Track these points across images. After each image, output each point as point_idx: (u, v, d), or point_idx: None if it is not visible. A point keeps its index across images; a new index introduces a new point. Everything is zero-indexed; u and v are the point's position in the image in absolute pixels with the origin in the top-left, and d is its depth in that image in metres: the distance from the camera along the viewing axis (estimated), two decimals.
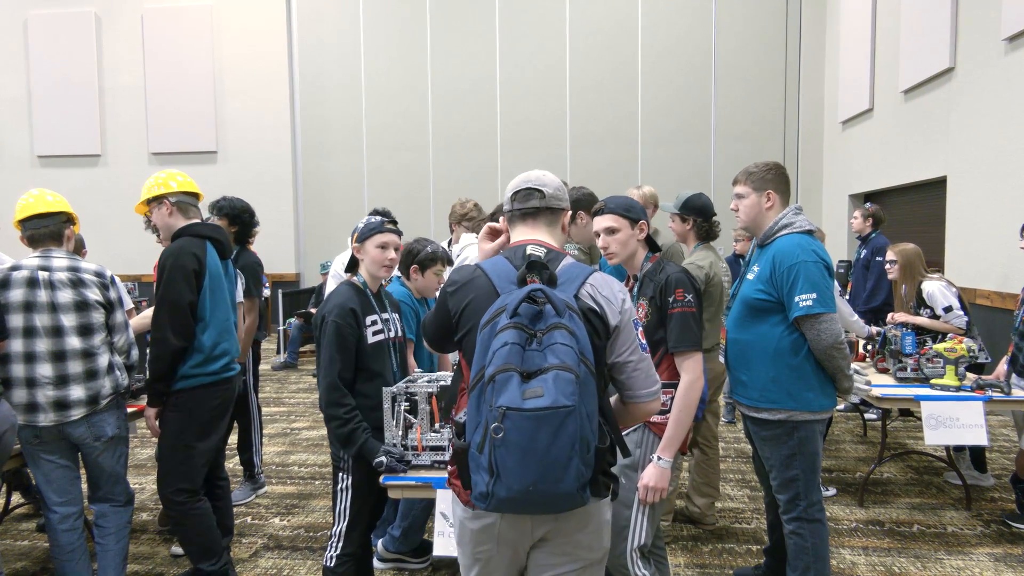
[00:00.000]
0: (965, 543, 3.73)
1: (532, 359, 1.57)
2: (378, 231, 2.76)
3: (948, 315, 4.52)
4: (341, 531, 2.71)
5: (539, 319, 1.61)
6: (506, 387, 1.54)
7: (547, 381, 1.53)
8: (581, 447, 1.55)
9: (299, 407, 6.94)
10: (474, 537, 1.79)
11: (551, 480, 1.54)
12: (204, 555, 3.10)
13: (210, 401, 3.09)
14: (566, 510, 1.65)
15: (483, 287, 1.79)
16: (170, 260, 2.97)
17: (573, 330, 1.60)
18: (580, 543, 1.77)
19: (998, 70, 6.21)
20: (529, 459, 1.53)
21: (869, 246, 6.20)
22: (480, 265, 1.86)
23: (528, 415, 1.51)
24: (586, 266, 1.85)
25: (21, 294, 2.82)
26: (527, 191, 1.93)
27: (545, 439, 1.52)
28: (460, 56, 11.69)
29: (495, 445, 1.54)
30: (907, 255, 4.75)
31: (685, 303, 2.45)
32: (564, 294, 1.70)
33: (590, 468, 1.59)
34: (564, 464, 1.53)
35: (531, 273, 1.73)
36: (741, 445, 5.41)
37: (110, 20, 12.13)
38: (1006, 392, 3.78)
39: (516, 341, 1.58)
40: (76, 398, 2.86)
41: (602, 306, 1.76)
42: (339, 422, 2.60)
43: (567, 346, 1.57)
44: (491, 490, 1.57)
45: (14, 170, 12.41)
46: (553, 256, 1.83)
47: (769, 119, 11.18)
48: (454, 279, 1.88)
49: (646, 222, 2.61)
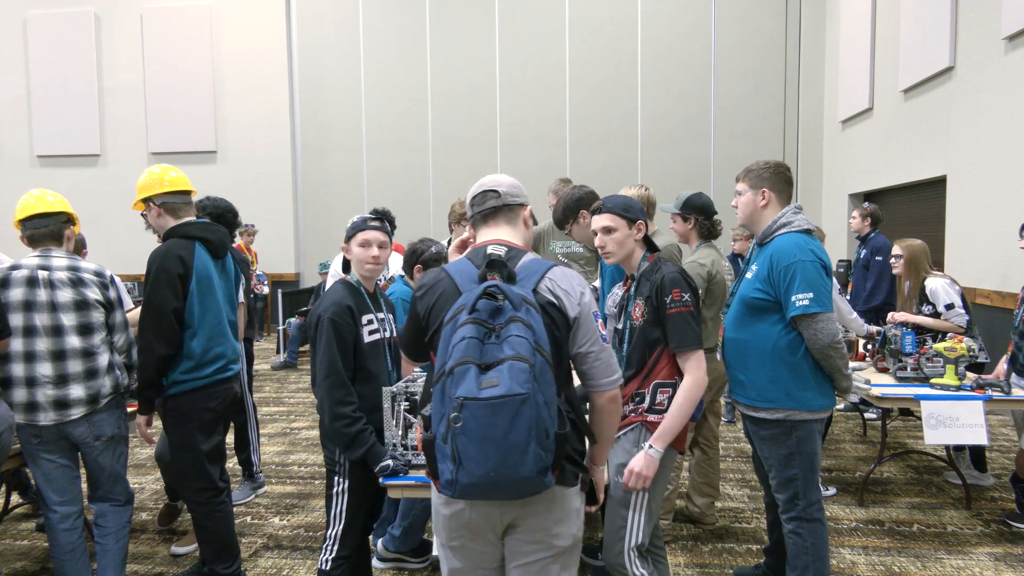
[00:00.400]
0: (965, 543, 3.72)
1: (490, 352, 1.66)
2: (360, 229, 2.73)
3: (949, 312, 4.51)
4: (336, 534, 2.68)
5: (498, 314, 1.70)
6: (464, 378, 1.63)
7: (503, 371, 1.61)
8: (538, 433, 1.63)
9: (299, 407, 6.94)
10: (447, 523, 1.89)
11: (510, 465, 1.61)
12: (221, 556, 3.11)
13: (207, 403, 3.05)
14: (528, 494, 1.73)
15: (447, 288, 1.89)
16: (155, 264, 2.91)
17: (529, 323, 1.69)
18: (549, 531, 1.85)
19: (998, 69, 6.21)
20: (488, 446, 1.61)
21: (868, 245, 6.20)
22: (444, 268, 1.95)
23: (484, 404, 1.60)
24: (546, 261, 1.92)
25: (21, 293, 2.81)
26: (483, 194, 2.03)
27: (502, 426, 1.60)
28: (460, 56, 11.68)
29: (455, 434, 1.62)
30: (913, 250, 4.74)
31: (682, 303, 2.44)
32: (522, 289, 1.79)
33: (550, 453, 1.67)
34: (522, 449, 1.61)
35: (491, 271, 1.81)
36: (741, 445, 5.41)
37: (109, 20, 12.12)
38: (1006, 391, 3.78)
39: (474, 335, 1.67)
40: (76, 397, 2.86)
41: (560, 299, 1.84)
42: (347, 421, 2.55)
43: (522, 338, 1.65)
44: (455, 477, 1.65)
45: (14, 170, 12.41)
46: (514, 254, 1.92)
47: (769, 118, 11.18)
48: (422, 283, 1.97)
49: (644, 222, 2.60)
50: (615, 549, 2.51)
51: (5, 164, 12.45)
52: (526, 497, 1.76)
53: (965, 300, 4.58)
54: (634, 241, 2.59)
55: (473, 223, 2.06)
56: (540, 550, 1.86)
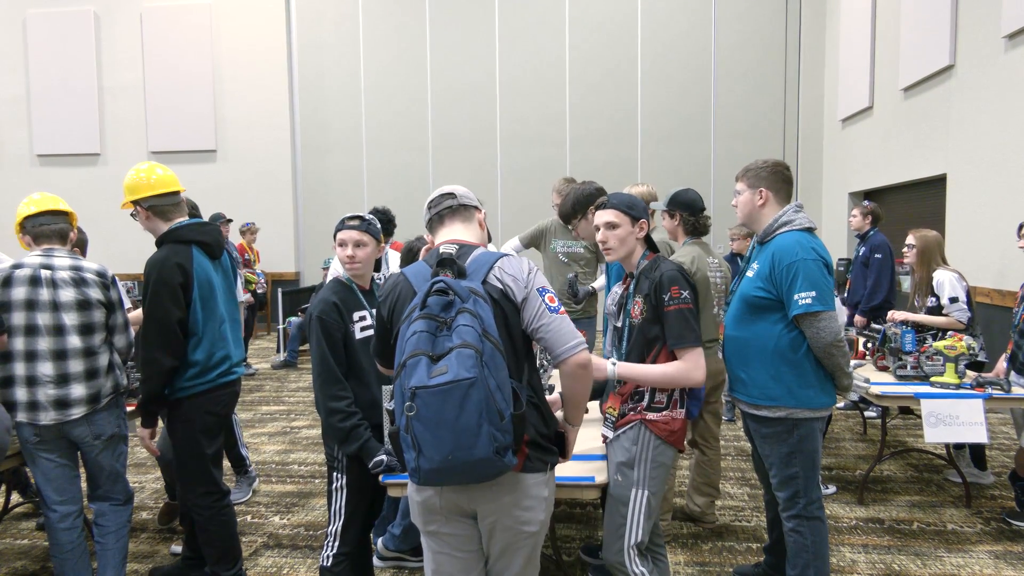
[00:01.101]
0: (965, 541, 3.73)
1: (441, 343, 1.75)
2: (338, 229, 2.75)
3: (951, 306, 4.49)
4: (337, 530, 2.69)
5: (449, 308, 1.80)
6: (416, 369, 1.72)
7: (451, 359, 1.70)
8: (490, 415, 1.70)
9: (299, 405, 6.94)
10: (420, 509, 1.98)
11: (465, 447, 1.69)
12: (223, 560, 3.10)
13: (210, 406, 3.03)
14: (491, 476, 1.80)
15: (405, 289, 1.99)
16: (153, 274, 2.86)
17: (476, 312, 1.78)
18: (516, 518, 1.93)
19: (998, 68, 6.20)
20: (442, 431, 1.69)
21: (868, 243, 6.19)
22: (403, 271, 2.05)
23: (434, 390, 1.68)
24: (495, 252, 2.01)
25: (23, 292, 2.81)
26: (439, 196, 2.15)
27: (452, 410, 1.68)
28: (460, 55, 11.68)
29: (412, 422, 1.71)
30: (927, 241, 4.69)
31: (681, 300, 2.43)
32: (471, 282, 1.89)
33: (507, 434, 1.74)
34: (475, 431, 1.69)
35: (442, 269, 1.90)
36: (741, 443, 5.41)
37: (109, 19, 12.11)
38: (1006, 390, 3.78)
39: (425, 329, 1.76)
40: (77, 396, 2.85)
41: (508, 285, 1.93)
42: (341, 416, 2.57)
43: (468, 326, 1.75)
44: (417, 465, 1.74)
45: (13, 169, 12.41)
46: (464, 251, 2.00)
47: (769, 117, 11.17)
48: (383, 288, 2.07)
49: (646, 221, 2.61)
50: (615, 547, 2.51)
51: (5, 163, 12.45)
52: (490, 479, 1.82)
53: (970, 297, 4.57)
54: (636, 239, 2.59)
55: (431, 226, 2.16)
56: (509, 537, 1.95)
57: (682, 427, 2.56)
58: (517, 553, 1.98)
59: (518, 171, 11.56)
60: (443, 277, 1.85)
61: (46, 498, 2.92)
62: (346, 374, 2.65)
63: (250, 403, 7.07)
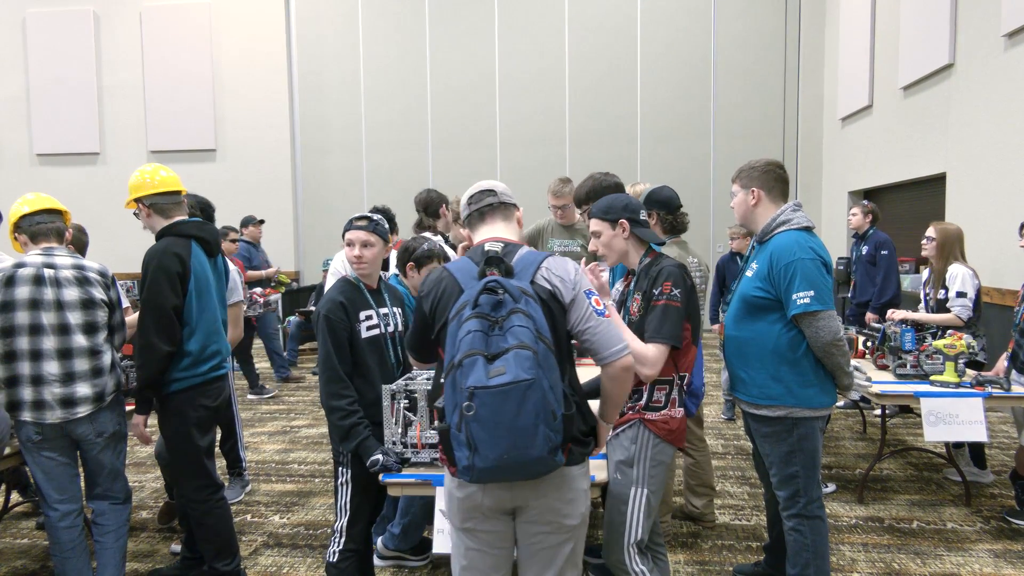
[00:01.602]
0: (965, 539, 3.73)
1: (495, 343, 1.75)
2: (346, 229, 2.78)
3: (956, 300, 4.47)
4: (343, 527, 2.71)
5: (499, 307, 1.79)
6: (473, 369, 1.72)
7: (508, 360, 1.71)
8: (546, 415, 1.72)
9: (299, 405, 6.94)
10: (461, 506, 1.98)
11: (521, 447, 1.71)
12: (221, 554, 3.12)
13: (202, 400, 3.07)
14: (541, 474, 1.83)
15: (450, 285, 1.98)
16: (153, 262, 2.91)
17: (529, 313, 1.79)
18: (559, 511, 1.95)
19: (997, 66, 6.20)
20: (499, 430, 1.70)
21: (870, 241, 6.14)
22: (446, 267, 2.05)
23: (494, 391, 1.69)
24: (540, 252, 2.02)
25: (27, 292, 2.80)
26: (480, 193, 2.15)
27: (511, 411, 1.69)
28: (459, 54, 11.67)
29: (468, 422, 1.72)
30: (947, 234, 4.65)
31: (670, 296, 2.43)
32: (520, 282, 1.88)
33: (559, 434, 1.76)
34: (531, 432, 1.71)
35: (490, 267, 1.90)
36: (741, 442, 5.41)
37: (108, 18, 12.10)
38: (1006, 388, 3.78)
39: (479, 329, 1.76)
40: (83, 395, 2.86)
41: (556, 286, 1.94)
42: (341, 414, 2.60)
43: (524, 327, 1.75)
44: (472, 463, 1.75)
45: (13, 169, 12.40)
46: (510, 249, 2.01)
47: (768, 116, 11.17)
48: (425, 283, 2.07)
49: (626, 220, 2.57)
50: (615, 546, 2.51)
51: (4, 163, 12.44)
52: (538, 477, 1.85)
53: (979, 297, 4.55)
54: (623, 240, 2.59)
55: (470, 221, 2.16)
56: (552, 531, 1.96)
57: (680, 425, 2.56)
58: (558, 550, 1.98)
59: (518, 170, 11.55)
60: (495, 276, 1.85)
61: (46, 497, 2.92)
62: (351, 373, 2.68)
63: (250, 402, 7.08)
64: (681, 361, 2.52)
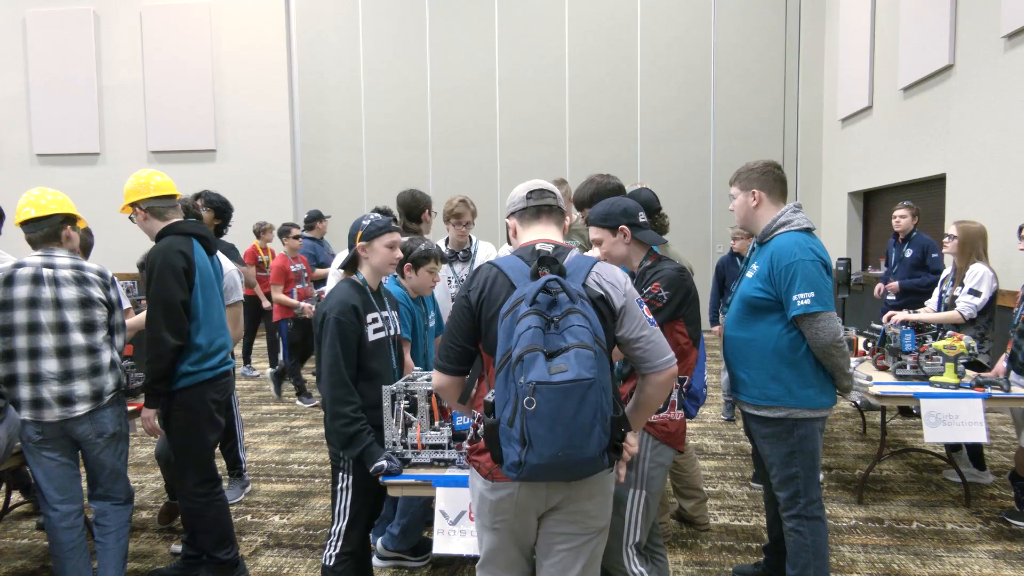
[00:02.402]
0: (964, 540, 3.73)
1: (552, 341, 1.75)
2: (387, 231, 2.77)
3: (965, 296, 4.45)
4: (341, 530, 2.71)
5: (554, 306, 1.79)
6: (534, 365, 1.71)
7: (569, 358, 1.71)
8: (601, 416, 1.74)
9: (298, 405, 6.94)
10: (493, 508, 1.98)
11: (576, 446, 1.72)
12: (220, 544, 3.18)
13: (211, 395, 3.14)
14: (588, 474, 1.84)
15: (500, 282, 1.97)
16: (158, 259, 2.97)
17: (586, 314, 1.79)
18: (588, 512, 1.96)
19: (997, 67, 6.20)
20: (558, 427, 1.70)
21: (915, 244, 5.87)
22: (494, 263, 2.02)
23: (556, 387, 1.69)
24: (591, 257, 2.02)
25: (26, 291, 2.82)
26: (542, 191, 2.14)
27: (571, 409, 1.70)
28: (459, 54, 11.67)
29: (527, 417, 1.71)
30: (969, 233, 4.62)
31: (655, 296, 2.46)
32: (573, 283, 1.88)
33: (608, 436, 1.77)
34: (588, 431, 1.72)
35: (542, 267, 1.89)
36: (741, 443, 5.41)
37: (108, 18, 12.10)
38: (1005, 389, 3.78)
39: (538, 325, 1.75)
40: (81, 394, 2.87)
41: (608, 292, 1.95)
42: (345, 420, 2.58)
43: (583, 327, 1.76)
44: (523, 459, 1.74)
45: (13, 168, 12.39)
46: (561, 251, 2.02)
47: (768, 117, 11.17)
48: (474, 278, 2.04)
49: (626, 226, 2.58)
50: (613, 548, 2.51)
51: (4, 163, 12.43)
52: (585, 477, 1.87)
53: (993, 300, 4.53)
54: (623, 246, 2.60)
55: (522, 216, 2.13)
56: (579, 532, 1.98)
57: (680, 428, 2.56)
58: (581, 550, 1.99)
59: (517, 170, 11.55)
60: (554, 276, 1.84)
61: (47, 497, 2.93)
62: (356, 376, 2.66)
63: (250, 402, 7.08)
64: (681, 364, 2.52)
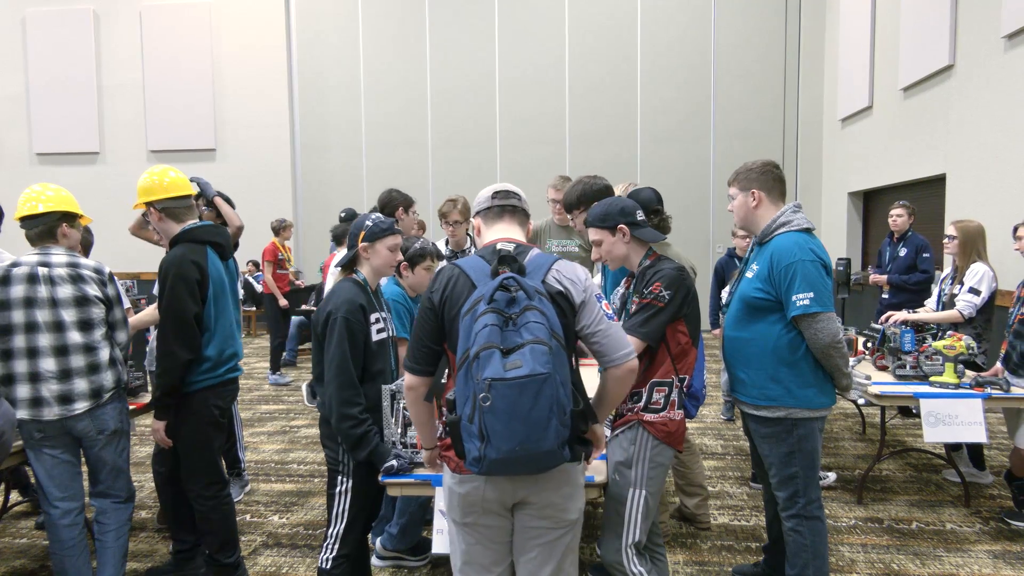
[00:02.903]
0: (964, 540, 3.73)
1: (510, 337, 1.78)
2: (391, 232, 2.76)
3: (964, 295, 4.44)
4: (338, 533, 2.69)
5: (513, 304, 1.83)
6: (490, 362, 1.75)
7: (525, 354, 1.75)
8: (558, 409, 1.76)
9: (298, 404, 6.94)
10: (461, 501, 2.02)
11: (534, 440, 1.75)
12: (224, 547, 3.19)
13: (218, 400, 3.14)
14: (549, 467, 1.86)
15: (462, 282, 2.00)
16: (171, 271, 2.95)
17: (543, 310, 1.83)
18: (556, 505, 1.99)
19: (997, 67, 6.20)
20: (514, 422, 1.73)
21: (910, 244, 5.85)
22: (457, 263, 2.07)
23: (511, 383, 1.72)
24: (551, 255, 2.06)
25: (22, 290, 2.82)
26: (506, 192, 2.19)
27: (527, 403, 1.73)
28: (459, 54, 11.67)
29: (484, 413, 1.74)
30: (968, 232, 4.61)
31: (656, 296, 2.46)
32: (533, 281, 1.92)
33: (567, 429, 1.80)
34: (544, 425, 1.75)
35: (502, 266, 1.94)
36: (740, 443, 5.41)
37: (108, 17, 12.11)
38: (1005, 389, 3.78)
39: (495, 323, 1.79)
40: (80, 391, 2.87)
41: (567, 287, 1.98)
42: (353, 422, 2.55)
43: (539, 323, 1.79)
44: (483, 454, 1.77)
45: (13, 168, 12.40)
46: (522, 250, 2.06)
47: (768, 117, 11.17)
48: (436, 279, 2.09)
49: (625, 225, 2.58)
50: (612, 547, 2.51)
51: (4, 162, 12.43)
52: (546, 471, 1.89)
53: (992, 299, 4.52)
54: (623, 245, 2.61)
55: (487, 215, 2.18)
56: (551, 526, 2.00)
57: (680, 427, 2.56)
58: (556, 543, 2.02)
59: (517, 170, 11.55)
60: (511, 274, 1.88)
61: (48, 494, 2.92)
62: (361, 376, 2.64)
63: (249, 402, 7.08)
64: (680, 363, 2.52)
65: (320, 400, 2.69)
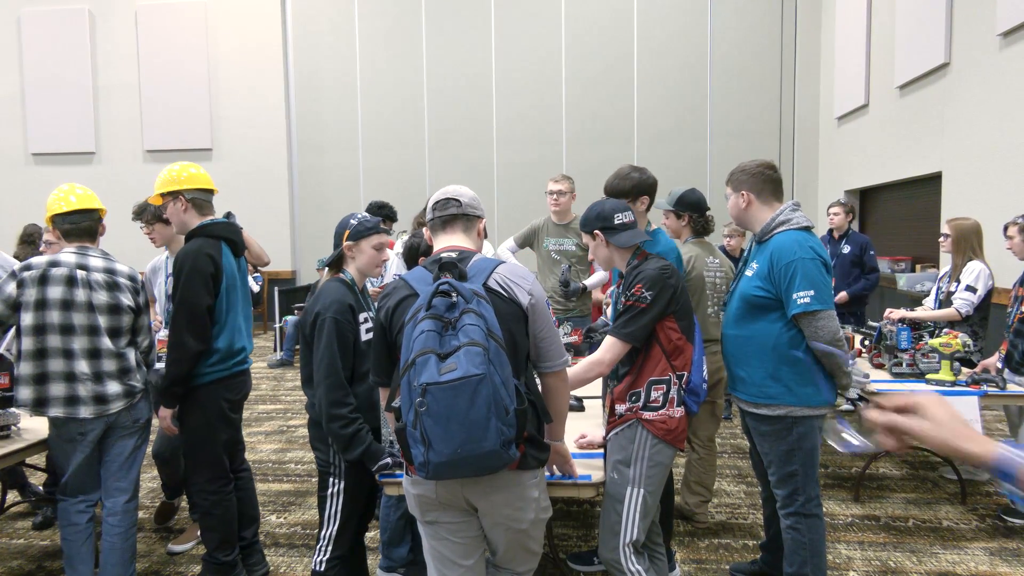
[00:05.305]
0: (960, 537, 3.74)
1: (448, 342, 1.82)
2: (375, 232, 2.74)
3: (961, 293, 4.46)
4: (331, 535, 2.68)
5: (453, 309, 1.86)
6: (425, 367, 1.78)
7: (459, 356, 1.77)
8: (498, 409, 1.78)
9: (295, 404, 6.93)
10: (418, 502, 2.08)
11: (474, 441, 1.76)
12: (223, 545, 3.19)
13: (226, 393, 3.16)
14: (495, 468, 1.87)
15: (406, 293, 2.04)
16: (188, 263, 2.99)
17: (480, 312, 1.85)
18: (508, 516, 2.04)
19: (993, 65, 6.22)
20: (452, 425, 1.75)
21: (852, 242, 6.02)
22: (401, 276, 2.12)
23: (445, 386, 1.75)
24: (494, 259, 2.09)
25: (60, 292, 2.87)
26: (445, 201, 2.19)
27: (463, 405, 1.75)
28: (456, 52, 11.66)
29: (422, 417, 1.77)
30: (963, 230, 4.63)
31: (638, 298, 2.48)
32: (473, 284, 1.94)
33: (512, 428, 1.81)
34: (484, 425, 1.76)
35: (444, 272, 1.96)
36: (737, 440, 5.42)
37: (104, 17, 12.07)
38: (1001, 386, 3.79)
39: (433, 329, 1.82)
40: (114, 392, 2.95)
41: (511, 288, 2.01)
42: (343, 422, 2.54)
43: (475, 326, 1.82)
44: (427, 459, 1.80)
45: (8, 168, 12.35)
46: (464, 256, 2.07)
47: (765, 115, 11.18)
48: (382, 294, 2.12)
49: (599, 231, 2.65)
50: (610, 545, 2.52)
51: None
52: (494, 471, 1.90)
53: (988, 297, 4.54)
54: (604, 248, 2.67)
55: (432, 228, 2.21)
56: (506, 530, 2.08)
57: (680, 425, 2.56)
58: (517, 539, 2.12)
59: (514, 169, 11.55)
60: (447, 279, 1.90)
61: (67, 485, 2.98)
62: (351, 377, 2.63)
63: (247, 401, 7.05)
64: (676, 360, 2.53)
65: (309, 401, 2.68)
